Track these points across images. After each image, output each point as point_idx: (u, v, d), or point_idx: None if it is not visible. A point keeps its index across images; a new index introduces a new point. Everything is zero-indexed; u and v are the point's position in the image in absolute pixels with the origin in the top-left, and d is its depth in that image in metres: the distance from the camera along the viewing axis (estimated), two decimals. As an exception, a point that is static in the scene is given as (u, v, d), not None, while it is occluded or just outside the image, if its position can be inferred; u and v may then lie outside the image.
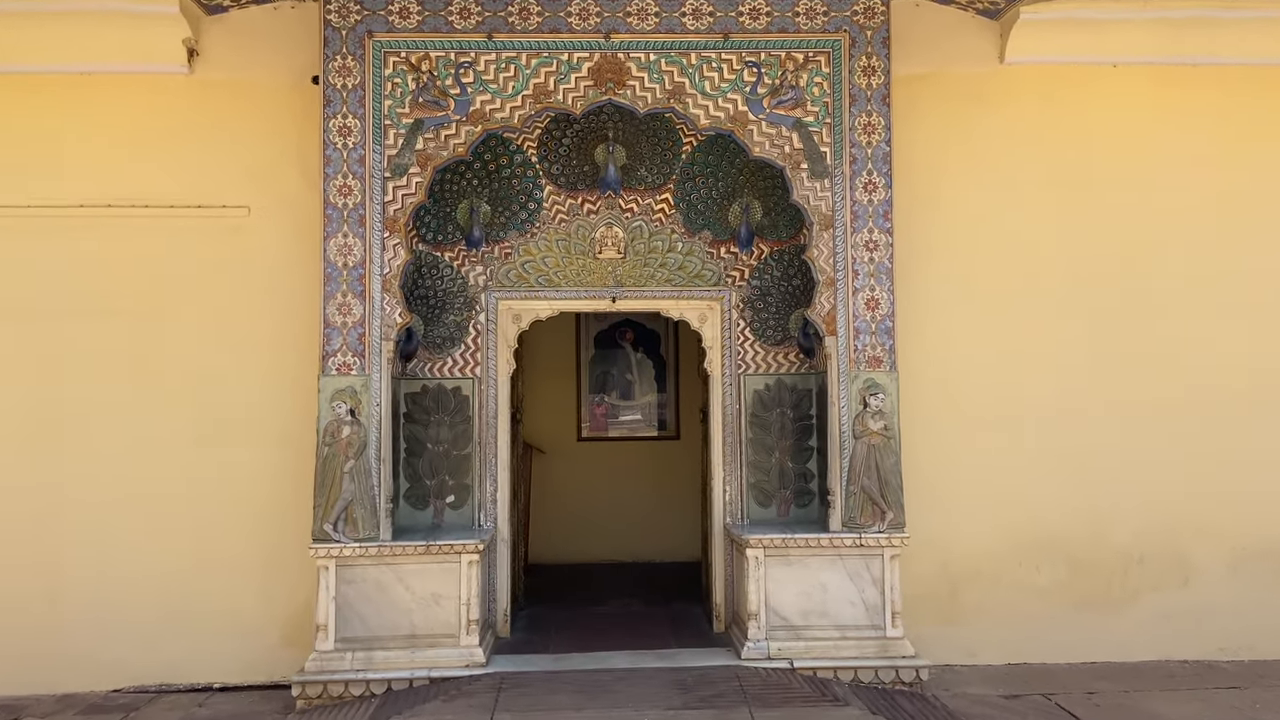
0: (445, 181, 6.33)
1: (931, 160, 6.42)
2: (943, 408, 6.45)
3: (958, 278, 6.50)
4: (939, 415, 6.45)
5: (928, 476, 6.30)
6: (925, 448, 6.31)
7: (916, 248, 6.31)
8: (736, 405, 6.59)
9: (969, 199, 6.52)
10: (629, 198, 6.58)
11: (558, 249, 6.59)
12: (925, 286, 6.40)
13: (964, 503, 6.49)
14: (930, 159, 6.41)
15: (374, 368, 5.90)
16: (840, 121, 6.06)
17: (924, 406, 6.33)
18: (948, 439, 6.47)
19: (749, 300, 6.61)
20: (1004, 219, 6.56)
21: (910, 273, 6.23)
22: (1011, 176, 6.56)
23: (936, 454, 6.40)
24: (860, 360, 6.05)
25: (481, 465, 6.48)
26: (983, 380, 6.52)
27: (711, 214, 6.57)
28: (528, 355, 8.12)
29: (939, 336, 6.45)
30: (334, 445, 5.85)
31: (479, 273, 6.56)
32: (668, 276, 6.60)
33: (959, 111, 6.51)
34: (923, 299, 6.37)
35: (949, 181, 6.48)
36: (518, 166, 6.43)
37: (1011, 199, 6.57)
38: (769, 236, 6.59)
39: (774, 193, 6.44)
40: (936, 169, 6.44)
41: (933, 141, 6.44)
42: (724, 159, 6.42)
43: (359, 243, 5.93)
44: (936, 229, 6.43)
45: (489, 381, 6.53)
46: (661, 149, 6.42)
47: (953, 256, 6.49)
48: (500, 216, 6.52)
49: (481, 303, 6.54)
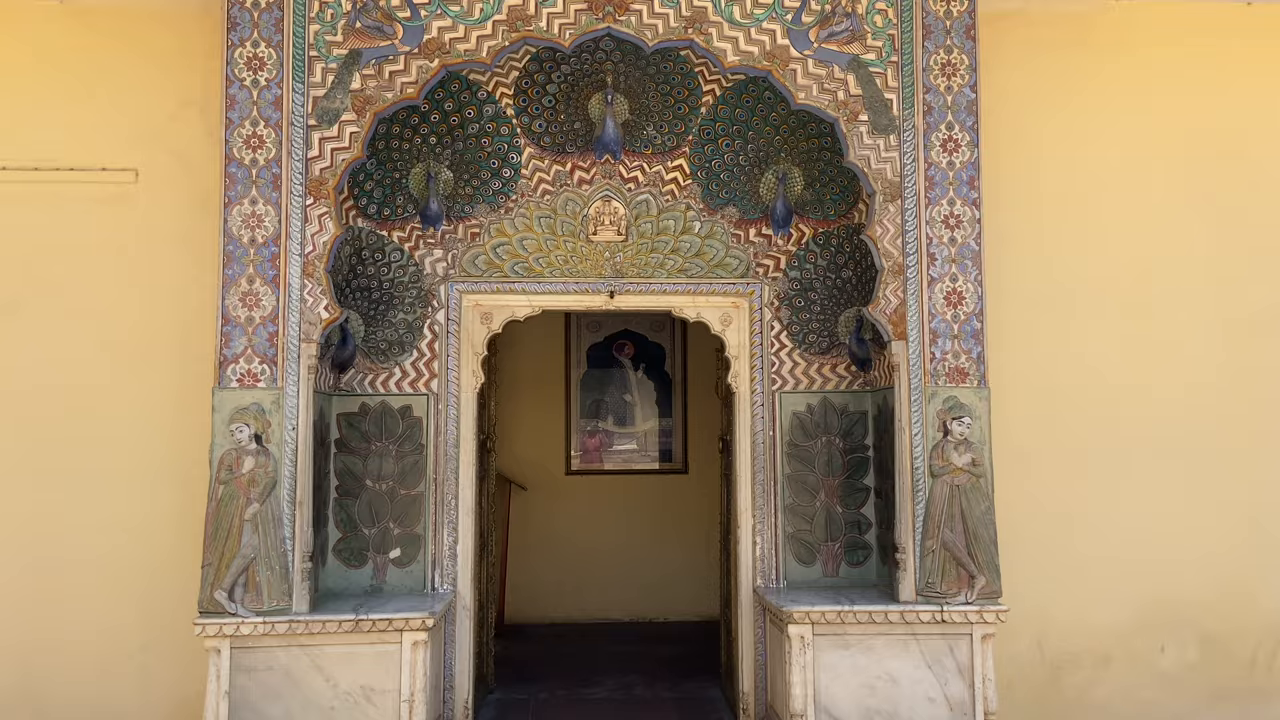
0: (393, 137, 4.84)
1: (1021, 120, 4.97)
2: (1035, 436, 4.97)
3: (1053, 269, 5.03)
4: (1030, 445, 4.96)
5: (1016, 525, 4.79)
6: (1014, 487, 4.80)
7: (1001, 229, 4.84)
8: (770, 432, 5.08)
9: (1070, 169, 5.07)
10: (632, 164, 5.11)
11: (540, 228, 5.10)
12: (1012, 279, 4.93)
13: (1064, 560, 5.01)
14: (1019, 118, 4.97)
15: (290, 378, 4.38)
16: (911, 60, 4.61)
17: (1012, 434, 4.82)
18: (1042, 476, 4.98)
19: (786, 296, 5.12)
20: (1115, 195, 5.11)
21: (992, 261, 4.73)
22: (1126, 142, 5.13)
23: (1027, 495, 4.91)
24: (939, 373, 4.55)
25: (437, 508, 4.95)
26: (1087, 402, 5.04)
27: (738, 185, 5.10)
28: (503, 367, 6.60)
29: (1029, 344, 4.98)
30: (231, 483, 4.33)
31: (437, 258, 5.06)
32: (681, 265, 5.12)
33: (1058, 59, 5.08)
34: (1008, 295, 4.89)
35: (1044, 147, 5.03)
36: (488, 121, 4.95)
37: (1126, 170, 5.13)
38: (812, 214, 5.11)
39: (820, 157, 4.97)
40: (1027, 131, 4.99)
41: (1023, 96, 5.00)
42: (755, 112, 4.95)
43: (272, 212, 4.44)
44: (1026, 206, 4.97)
45: (449, 399, 5.02)
46: (675, 100, 4.95)
47: (1047, 241, 5.03)
48: (466, 186, 5.04)
49: (440, 297, 5.04)
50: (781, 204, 5.05)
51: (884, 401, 4.90)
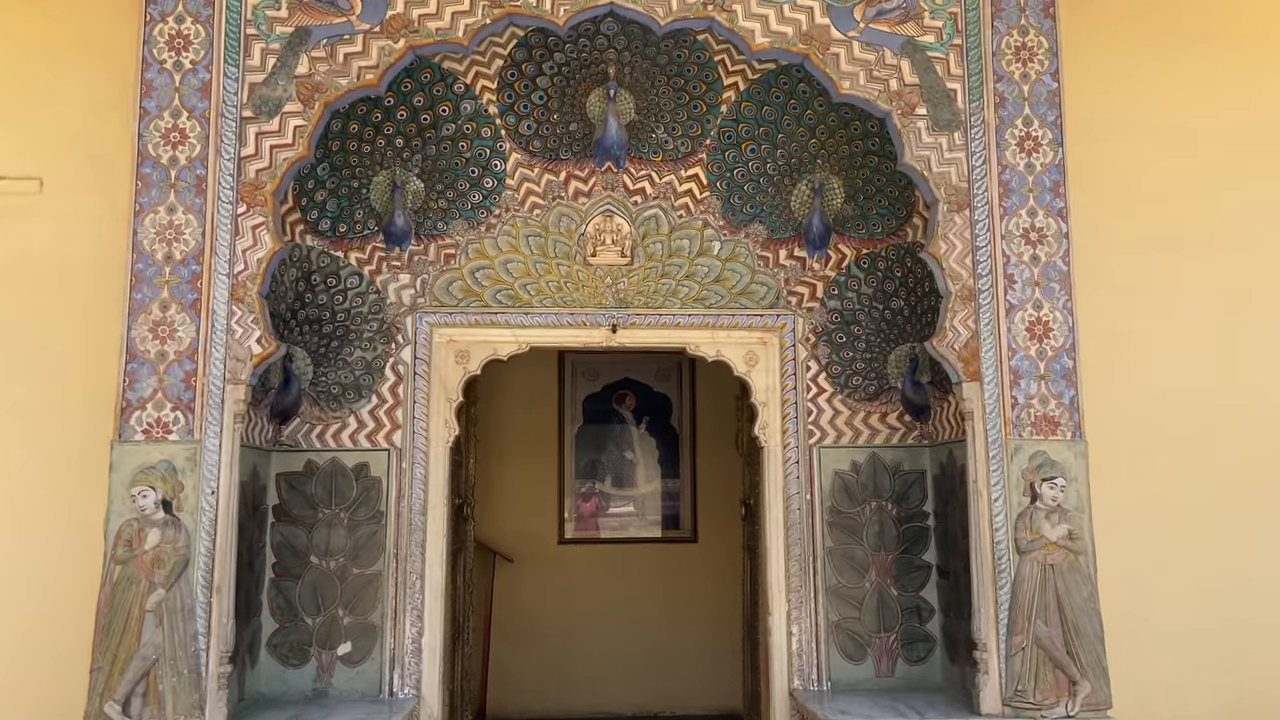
0: (351, 137, 4.00)
1: (1112, 113, 4.13)
2: (1137, 500, 4.04)
3: (1159, 293, 4.14)
4: (1130, 512, 4.03)
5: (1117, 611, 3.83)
6: (1114, 564, 3.86)
7: (1090, 244, 3.97)
8: (806, 495, 4.16)
9: (1176, 173, 4.21)
10: (639, 172, 4.27)
11: (529, 249, 4.25)
12: (1105, 305, 4.04)
13: (1174, 654, 4.04)
14: (1110, 110, 4.12)
15: (210, 429, 3.48)
16: (978, 43, 3.80)
17: (1109, 498, 3.89)
18: (1146, 551, 4.04)
19: (825, 331, 4.25)
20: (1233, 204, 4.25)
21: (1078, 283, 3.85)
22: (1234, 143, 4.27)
23: (1129, 574, 3.96)
24: (1023, 422, 3.66)
25: (399, 591, 4.01)
26: (1203, 460, 4.11)
27: (765, 198, 4.26)
28: (485, 419, 5.70)
29: (1131, 386, 4.08)
30: (130, 562, 3.40)
31: (403, 284, 4.19)
32: (697, 293, 4.25)
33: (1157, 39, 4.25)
34: (1103, 325, 4.00)
35: (1143, 144, 4.18)
36: (467, 120, 4.11)
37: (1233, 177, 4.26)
38: (855, 232, 4.26)
39: (865, 163, 4.14)
40: (1121, 125, 4.15)
41: (1113, 84, 4.16)
42: (787, 110, 4.12)
43: (194, 222, 3.58)
44: (1120, 216, 4.11)
45: (415, 456, 4.10)
46: (690, 96, 4.13)
47: (1149, 260, 4.15)
48: (439, 198, 4.19)
49: (407, 331, 4.16)
50: (818, 220, 4.20)
51: (948, 459, 3.99)
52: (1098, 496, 3.66)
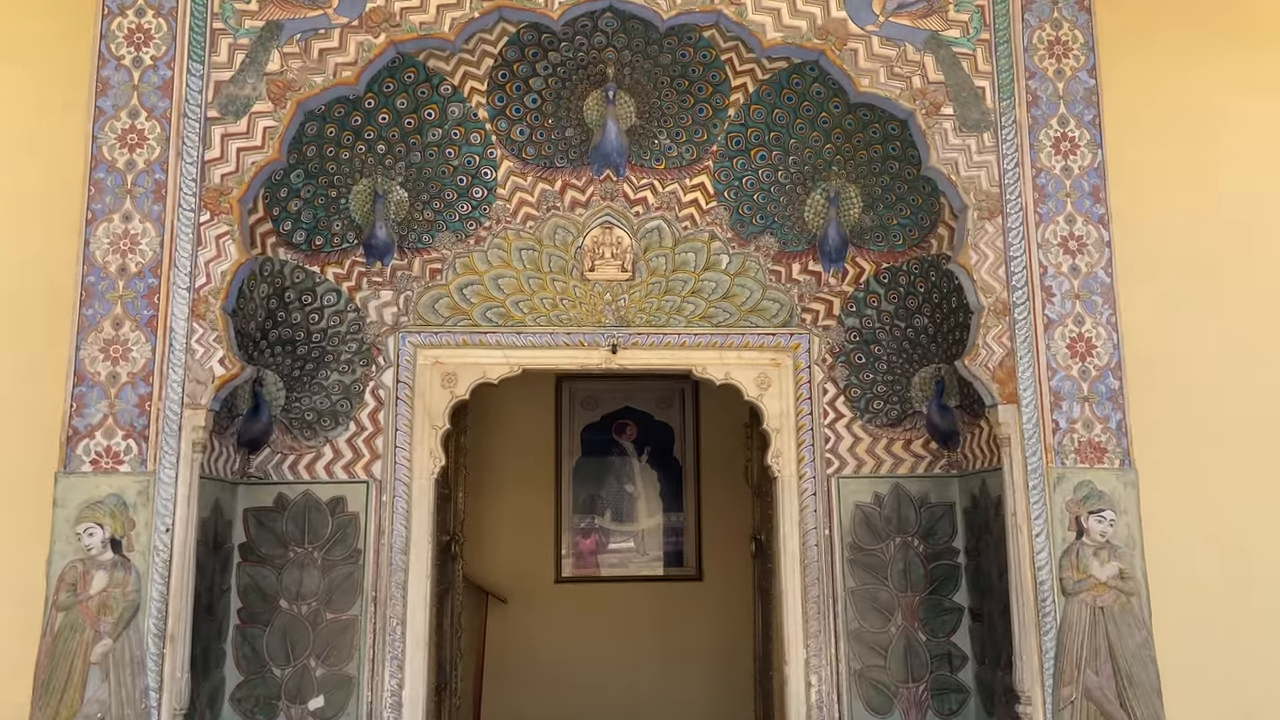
0: (328, 142, 3.69)
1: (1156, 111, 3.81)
2: (1194, 534, 3.68)
3: (1212, 306, 3.81)
4: (1187, 547, 3.67)
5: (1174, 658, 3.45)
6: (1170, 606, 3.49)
7: (1135, 253, 3.64)
8: (824, 530, 3.81)
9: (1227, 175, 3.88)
10: (640, 181, 3.96)
11: (521, 263, 3.93)
12: (1152, 320, 3.71)
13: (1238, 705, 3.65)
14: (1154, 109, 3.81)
15: (165, 459, 3.13)
16: (1008, 38, 3.51)
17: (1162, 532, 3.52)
18: (1205, 591, 3.67)
19: (842, 351, 3.92)
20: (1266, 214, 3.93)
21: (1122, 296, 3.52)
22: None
23: (1187, 617, 3.59)
24: (1065, 449, 3.32)
25: (377, 639, 3.64)
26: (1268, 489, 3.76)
27: (777, 208, 3.94)
28: (477, 448, 5.35)
29: (1183, 408, 3.73)
30: (74, 608, 3.04)
31: (385, 301, 3.87)
32: (704, 311, 3.93)
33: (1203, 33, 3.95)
34: (1150, 341, 3.66)
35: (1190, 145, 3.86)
36: (455, 124, 3.80)
37: (1278, 183, 3.95)
38: (874, 245, 3.94)
39: (884, 170, 3.82)
40: (1165, 125, 3.83)
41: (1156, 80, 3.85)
42: (800, 113, 3.81)
43: (151, 231, 3.26)
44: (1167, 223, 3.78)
45: (396, 489, 3.75)
46: (696, 98, 3.82)
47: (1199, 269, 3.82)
48: (424, 208, 3.87)
49: (388, 352, 3.83)
50: (834, 231, 3.89)
51: (980, 490, 3.65)
52: (1150, 530, 3.31)
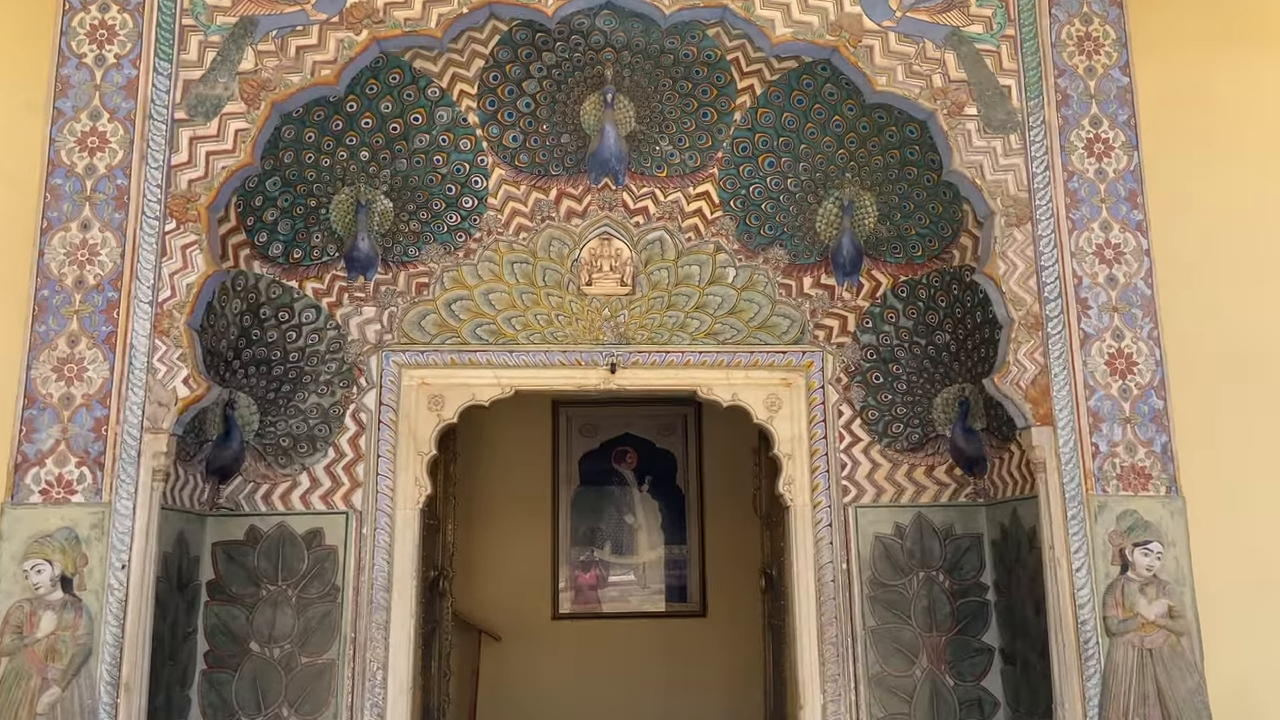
0: (307, 148, 3.44)
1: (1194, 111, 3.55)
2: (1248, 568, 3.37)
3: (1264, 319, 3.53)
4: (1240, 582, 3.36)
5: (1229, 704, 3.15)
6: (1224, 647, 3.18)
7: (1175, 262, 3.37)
8: (842, 564, 3.52)
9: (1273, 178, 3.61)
10: (641, 190, 3.72)
11: (514, 277, 3.67)
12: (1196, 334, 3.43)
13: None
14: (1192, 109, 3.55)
15: (123, 489, 2.86)
16: (1034, 33, 3.28)
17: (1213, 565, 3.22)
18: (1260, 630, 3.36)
19: (858, 370, 3.65)
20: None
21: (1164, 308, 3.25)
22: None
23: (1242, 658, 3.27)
24: (1106, 475, 3.04)
25: (356, 684, 3.34)
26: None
27: (787, 218, 3.70)
28: (468, 476, 5.07)
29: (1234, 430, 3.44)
30: (20, 653, 2.75)
31: (368, 318, 3.61)
32: (709, 327, 3.67)
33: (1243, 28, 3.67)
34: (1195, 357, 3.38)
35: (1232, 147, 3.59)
36: (443, 130, 3.56)
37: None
38: (891, 256, 3.69)
39: (901, 176, 3.58)
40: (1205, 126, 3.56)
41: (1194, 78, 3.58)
42: (811, 116, 3.57)
43: (112, 241, 3.00)
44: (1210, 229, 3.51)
45: (378, 520, 3.47)
46: (699, 101, 3.58)
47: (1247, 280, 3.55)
48: (411, 219, 3.62)
49: (371, 373, 3.56)
50: (848, 243, 3.64)
51: (1011, 520, 3.37)
52: (1200, 564, 3.02)
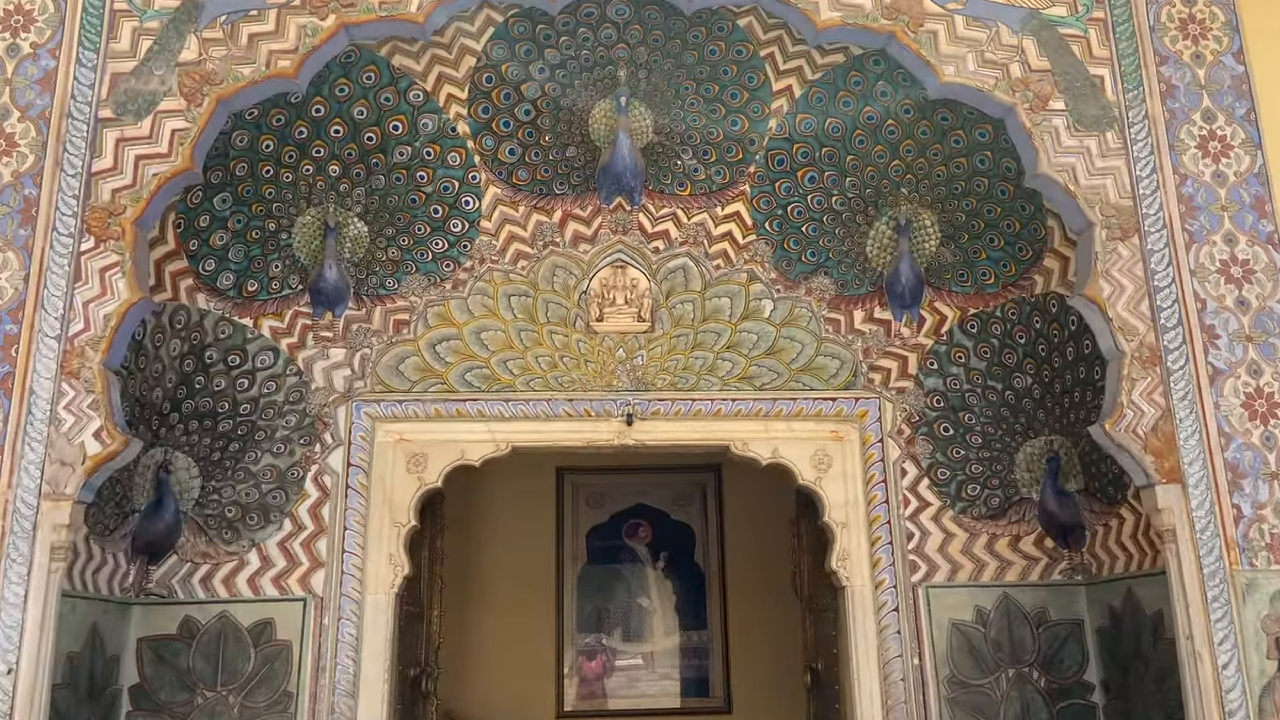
0: (265, 159, 2.89)
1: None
2: None
3: None
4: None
5: None
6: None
7: None
8: (913, 658, 2.87)
9: None
10: (660, 210, 3.17)
11: (512, 312, 3.09)
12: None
13: None
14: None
15: (12, 571, 2.26)
16: (1128, 14, 2.77)
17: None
18: None
19: (923, 420, 3.05)
20: None
21: None
22: None
23: None
24: (1254, 546, 2.43)
25: (311, 817, 2.66)
26: None
27: (832, 242, 3.13)
28: (457, 553, 4.42)
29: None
30: None
31: (335, 361, 3.02)
32: (743, 370, 3.08)
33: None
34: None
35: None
36: (429, 141, 3.02)
37: None
38: (958, 285, 3.11)
39: (969, 189, 3.02)
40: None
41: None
42: (859, 121, 3.02)
43: (14, 262, 2.46)
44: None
45: (343, 608, 2.84)
46: (728, 106, 3.05)
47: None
48: (389, 245, 3.06)
49: (338, 427, 2.97)
50: (906, 269, 3.06)
51: (1125, 602, 2.72)
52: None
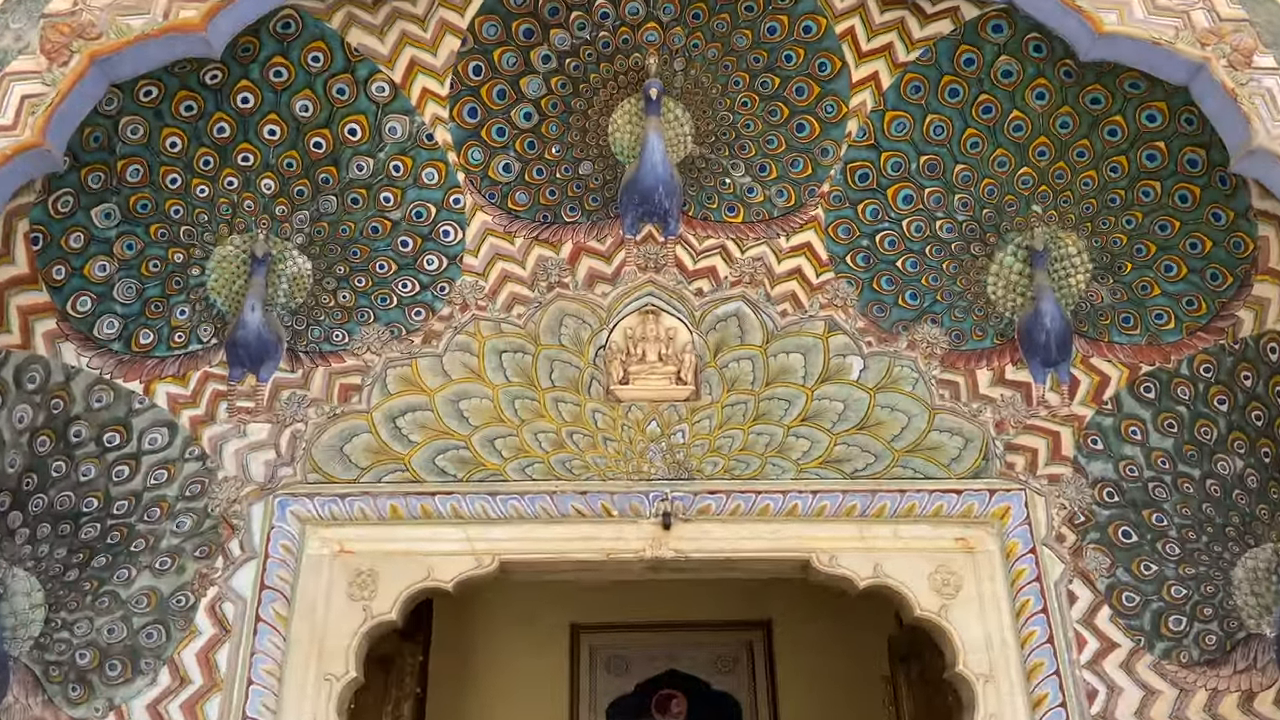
0: (168, 162, 2.12)
1: None
2: None
3: None
4: None
5: None
6: None
7: None
8: None
9: None
10: (704, 240, 2.41)
11: (502, 374, 2.31)
12: None
13: None
14: None
15: None
16: (1344, -52, 2.00)
17: None
18: None
19: (1093, 521, 2.21)
20: None
21: None
22: None
23: None
24: None
25: None
26: None
27: (940, 279, 2.35)
28: None
29: None
30: None
31: (254, 441, 2.23)
32: (825, 451, 2.27)
33: None
34: None
35: None
36: (395, 150, 2.26)
37: None
38: (1123, 335, 2.33)
39: (1135, 199, 2.21)
40: None
41: None
42: (970, 115, 2.25)
43: None
44: None
45: (238, 805, 1.88)
46: (791, 107, 2.29)
47: None
48: (338, 288, 2.29)
49: (250, 533, 2.13)
50: (1049, 313, 2.23)
51: None
52: None
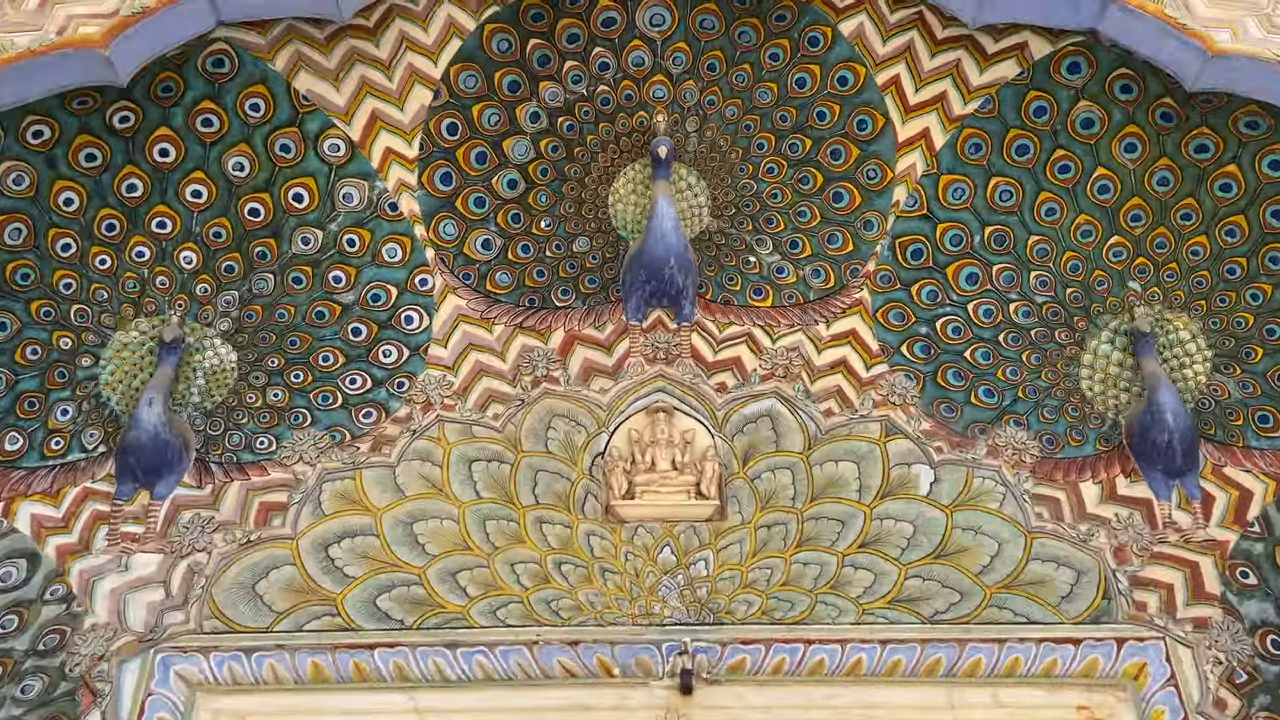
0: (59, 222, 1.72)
1: None
2: None
3: None
4: None
5: None
6: None
7: None
8: None
9: None
10: (725, 328, 1.93)
11: (472, 488, 1.89)
12: None
13: None
14: None
15: None
16: None
17: None
18: None
19: (1258, 677, 1.64)
20: None
21: None
22: None
23: None
24: None
25: None
26: None
27: (1020, 373, 1.85)
28: None
29: None
30: None
31: (138, 578, 1.78)
32: (893, 588, 1.74)
33: None
34: None
35: None
36: (350, 221, 1.87)
37: None
38: (1262, 436, 1.83)
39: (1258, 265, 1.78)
40: None
41: None
42: (1045, 174, 1.87)
43: None
44: None
45: None
46: (826, 172, 1.89)
47: None
48: (269, 383, 1.87)
49: (119, 700, 1.63)
50: (1173, 409, 1.78)
51: None
52: None
